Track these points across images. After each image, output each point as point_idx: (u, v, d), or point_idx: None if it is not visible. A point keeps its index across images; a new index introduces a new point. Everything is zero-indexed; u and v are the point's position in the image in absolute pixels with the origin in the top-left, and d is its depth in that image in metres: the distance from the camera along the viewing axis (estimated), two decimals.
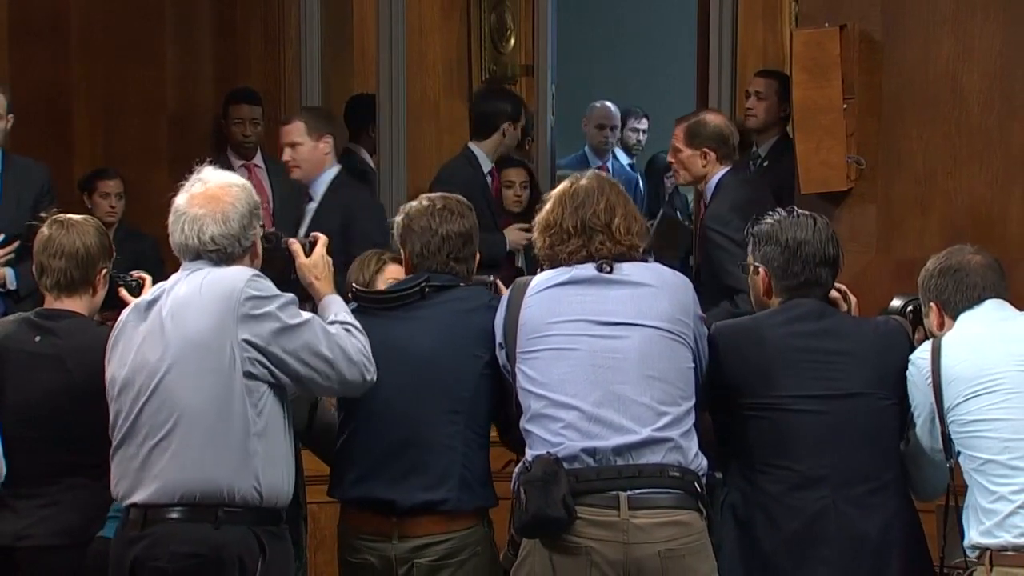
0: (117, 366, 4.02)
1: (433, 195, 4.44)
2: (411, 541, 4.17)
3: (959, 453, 4.05)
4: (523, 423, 4.00)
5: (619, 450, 3.89)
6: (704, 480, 3.98)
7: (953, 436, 4.05)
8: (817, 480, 4.08)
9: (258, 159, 7.49)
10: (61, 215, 4.50)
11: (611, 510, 3.87)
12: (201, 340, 3.91)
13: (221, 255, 4.02)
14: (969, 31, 5.80)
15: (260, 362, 3.92)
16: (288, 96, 8.02)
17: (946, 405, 4.05)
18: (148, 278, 4.51)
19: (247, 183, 4.16)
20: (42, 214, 4.61)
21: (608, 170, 7.79)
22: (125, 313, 4.10)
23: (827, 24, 5.96)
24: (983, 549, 3.97)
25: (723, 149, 6.17)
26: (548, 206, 4.17)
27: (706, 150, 6.15)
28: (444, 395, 4.19)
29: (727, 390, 4.15)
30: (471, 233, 4.37)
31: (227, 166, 4.26)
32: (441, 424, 4.19)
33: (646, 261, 4.18)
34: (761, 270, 4.27)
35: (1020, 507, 3.94)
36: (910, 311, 4.35)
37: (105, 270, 4.44)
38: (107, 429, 4.10)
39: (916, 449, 4.17)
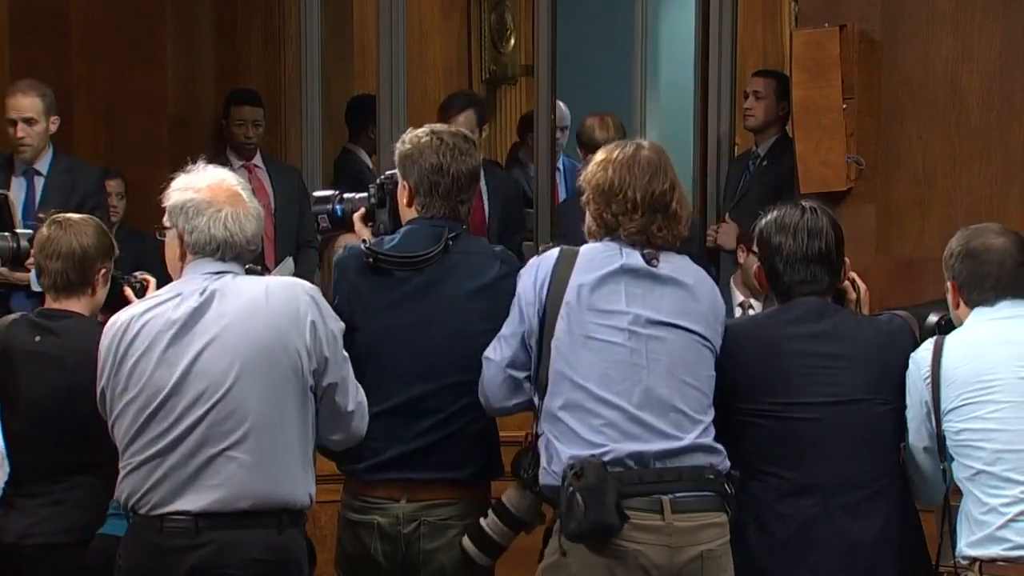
0: (159, 374, 3.82)
1: (438, 128, 4.33)
2: (420, 501, 4.18)
3: (952, 459, 4.00)
4: (554, 409, 3.94)
5: (660, 455, 3.88)
6: (728, 480, 3.99)
7: (947, 441, 4.00)
8: (809, 488, 4.04)
9: (257, 159, 7.49)
10: (60, 215, 4.49)
11: (655, 514, 3.85)
12: (272, 350, 3.81)
13: (254, 255, 3.97)
14: (969, 31, 5.81)
15: (316, 372, 3.88)
16: (288, 96, 8.02)
17: (943, 407, 3.99)
18: (152, 280, 4.51)
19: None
20: (40, 215, 4.61)
21: (559, 170, 7.81)
22: (142, 319, 3.88)
23: (827, 24, 5.98)
24: (973, 559, 3.93)
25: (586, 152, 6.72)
26: (611, 171, 4.00)
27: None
28: (462, 379, 4.17)
29: (721, 392, 4.10)
30: (478, 172, 4.30)
31: (227, 166, 4.25)
32: (461, 409, 4.19)
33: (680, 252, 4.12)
34: (755, 268, 4.25)
35: (1012, 520, 3.87)
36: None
37: (104, 270, 4.42)
38: (108, 428, 4.12)
39: (911, 452, 4.12)
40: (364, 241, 4.31)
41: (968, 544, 3.94)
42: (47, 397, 4.34)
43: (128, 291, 4.46)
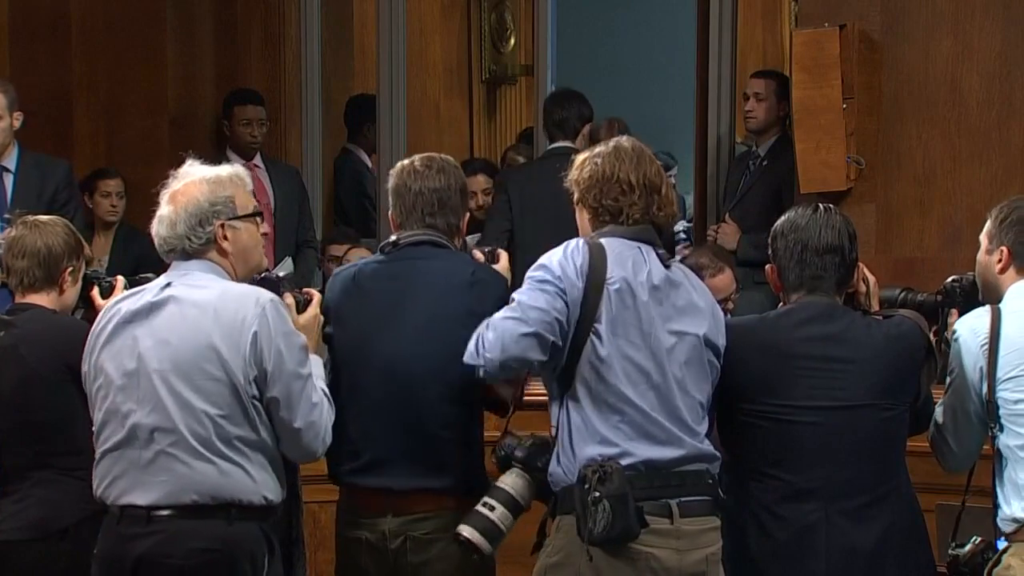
0: (113, 367, 3.96)
1: (419, 155, 4.44)
2: (406, 516, 4.21)
3: (1002, 427, 4.02)
4: (579, 397, 3.96)
5: (670, 463, 3.94)
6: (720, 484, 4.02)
7: (1000, 408, 4.02)
8: (809, 492, 4.04)
9: (257, 160, 7.49)
10: (30, 216, 4.54)
11: (664, 518, 3.91)
12: (216, 353, 3.88)
13: (177, 255, 4.01)
14: (969, 31, 5.81)
15: (258, 381, 3.92)
16: (288, 96, 8.02)
17: (998, 374, 4.01)
18: (121, 280, 4.53)
19: (214, 176, 4.06)
20: (7, 215, 4.63)
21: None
22: (113, 310, 4.03)
23: (827, 24, 5.98)
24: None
25: None
26: (600, 161, 4.07)
27: None
28: (441, 387, 4.19)
29: (725, 392, 4.11)
30: (447, 190, 4.33)
31: None
32: (442, 413, 4.21)
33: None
34: (767, 267, 4.24)
35: None
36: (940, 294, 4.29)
37: (71, 269, 4.46)
38: (71, 421, 4.19)
39: (954, 416, 4.12)
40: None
41: (1023, 508, 3.96)
42: (10, 391, 4.36)
43: (95, 291, 4.48)
